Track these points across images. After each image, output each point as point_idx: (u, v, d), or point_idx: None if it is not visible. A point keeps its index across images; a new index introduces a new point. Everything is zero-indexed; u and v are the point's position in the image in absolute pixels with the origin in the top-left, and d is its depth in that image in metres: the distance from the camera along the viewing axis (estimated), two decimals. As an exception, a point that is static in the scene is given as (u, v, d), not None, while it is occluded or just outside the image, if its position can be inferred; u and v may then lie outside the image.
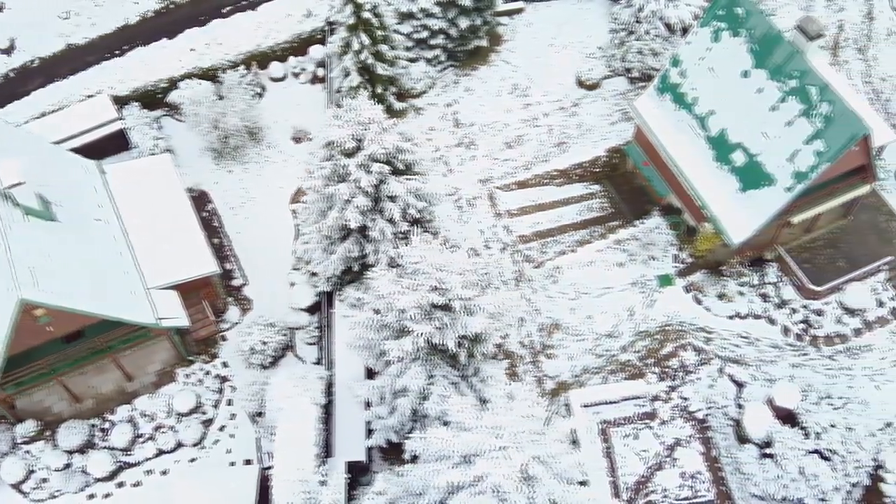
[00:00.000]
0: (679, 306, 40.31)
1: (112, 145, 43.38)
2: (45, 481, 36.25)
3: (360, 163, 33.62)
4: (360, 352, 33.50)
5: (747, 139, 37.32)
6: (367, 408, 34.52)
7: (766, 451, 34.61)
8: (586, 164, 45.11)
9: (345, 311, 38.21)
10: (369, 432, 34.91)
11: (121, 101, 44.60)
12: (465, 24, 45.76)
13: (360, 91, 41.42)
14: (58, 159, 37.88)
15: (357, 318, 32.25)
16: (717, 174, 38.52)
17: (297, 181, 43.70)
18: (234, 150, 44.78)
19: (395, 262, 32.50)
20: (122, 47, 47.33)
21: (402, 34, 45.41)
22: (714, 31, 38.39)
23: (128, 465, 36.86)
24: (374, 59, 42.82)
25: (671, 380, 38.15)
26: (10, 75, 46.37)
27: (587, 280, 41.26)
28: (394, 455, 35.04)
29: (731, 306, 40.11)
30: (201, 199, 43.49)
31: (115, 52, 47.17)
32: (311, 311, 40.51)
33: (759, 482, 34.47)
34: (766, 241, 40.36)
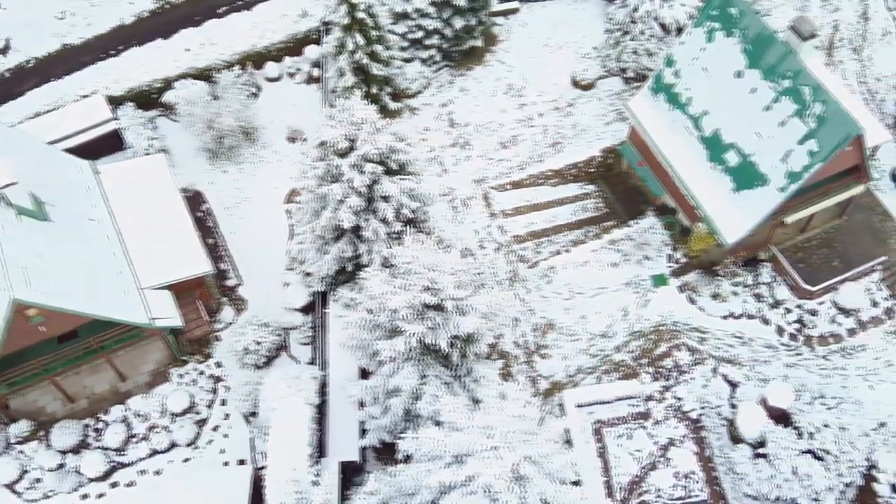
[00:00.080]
0: (673, 306, 40.34)
1: (107, 145, 43.32)
2: (38, 481, 36.23)
3: (353, 163, 33.57)
4: (353, 352, 33.53)
5: (741, 139, 37.33)
6: (361, 408, 34.49)
7: (760, 450, 34.58)
8: (581, 165, 45.10)
9: (339, 312, 38.18)
10: (363, 432, 34.89)
11: (116, 102, 44.51)
12: (459, 24, 45.72)
13: (355, 91, 41.42)
14: (52, 159, 37.89)
15: (350, 318, 32.26)
16: (710, 174, 38.53)
17: (291, 181, 43.60)
18: (228, 150, 44.76)
19: (389, 263, 32.47)
20: (117, 47, 47.20)
21: (396, 34, 45.37)
22: (708, 32, 38.40)
23: (121, 465, 36.87)
24: (368, 59, 42.79)
25: (665, 380, 38.18)
26: (6, 75, 46.24)
27: (581, 280, 41.28)
28: (387, 455, 34.97)
29: (725, 306, 40.14)
30: (196, 200, 43.47)
31: (111, 52, 47.05)
32: (306, 311, 40.52)
33: (752, 482, 34.47)
34: (761, 241, 40.37)
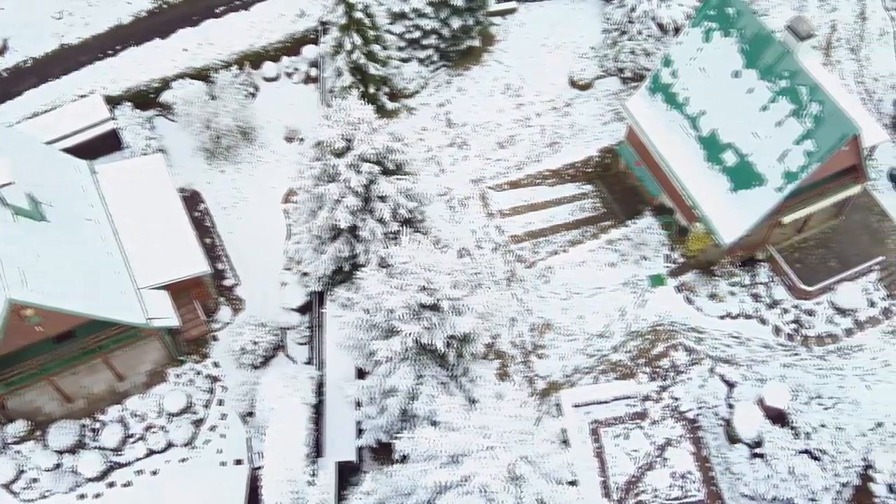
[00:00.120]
0: (670, 306, 40.33)
1: (104, 145, 43.36)
2: (35, 481, 36.25)
3: (349, 163, 33.55)
4: (350, 352, 33.51)
5: (738, 139, 37.30)
6: (358, 408, 34.50)
7: (757, 450, 34.56)
8: (578, 165, 45.11)
9: (336, 311, 38.18)
10: (359, 432, 34.90)
11: (113, 101, 44.52)
12: (457, 24, 45.70)
13: (352, 91, 41.46)
14: (49, 159, 37.87)
15: (346, 318, 32.25)
16: (708, 174, 38.50)
17: (289, 181, 43.62)
18: (226, 150, 44.77)
19: (386, 263, 32.47)
20: (115, 47, 47.21)
21: (394, 34, 45.37)
22: (705, 32, 38.37)
23: (118, 466, 36.88)
24: (366, 58, 42.81)
25: (662, 380, 38.18)
26: (3, 75, 46.25)
27: (579, 280, 41.27)
28: (384, 455, 35.02)
29: (722, 306, 40.13)
30: (193, 199, 43.47)
31: (108, 51, 47.07)
32: (303, 310, 40.54)
33: (749, 482, 34.44)
34: (758, 241, 40.35)
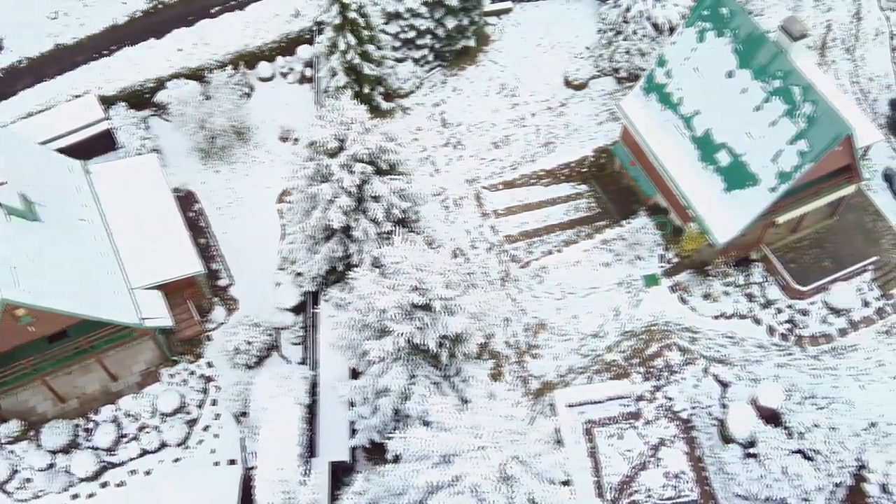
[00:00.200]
0: (665, 306, 40.32)
1: (99, 145, 43.31)
2: (28, 481, 36.24)
3: (342, 163, 33.55)
4: (343, 352, 33.56)
5: (732, 139, 37.31)
6: (351, 407, 34.50)
7: (750, 450, 34.56)
8: (573, 164, 45.07)
9: (329, 311, 38.18)
10: (353, 432, 34.91)
11: (108, 101, 44.48)
12: (452, 24, 45.67)
13: (346, 91, 41.47)
14: (42, 159, 37.84)
15: (339, 318, 32.27)
16: (702, 174, 38.51)
17: (283, 181, 43.60)
18: (221, 150, 44.74)
19: (379, 262, 32.47)
20: (110, 47, 47.14)
21: (389, 34, 45.33)
22: (699, 32, 38.38)
23: (112, 465, 36.84)
24: (360, 59, 42.77)
25: (656, 380, 38.17)
26: (-1, 75, 46.42)
27: (573, 280, 41.26)
28: (377, 455, 35.02)
29: (716, 306, 40.12)
30: (188, 200, 43.44)
31: (104, 52, 47.01)
32: (297, 310, 40.51)
33: (742, 482, 34.45)
34: (752, 241, 40.36)
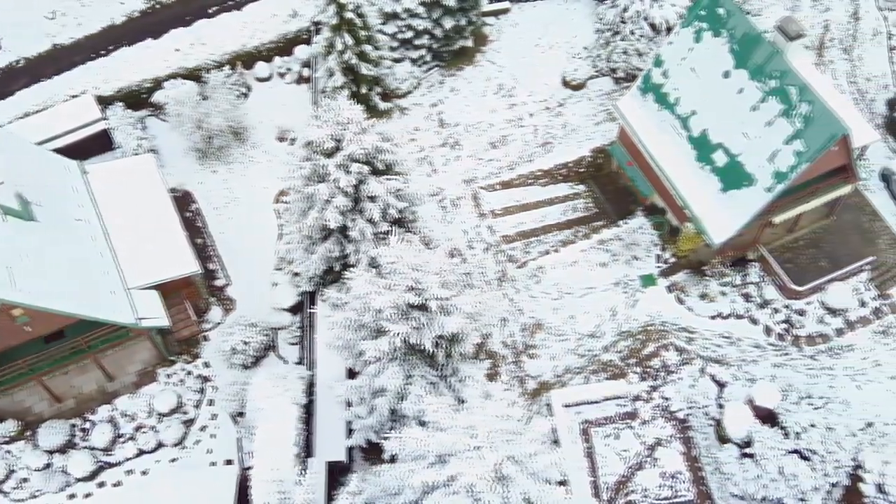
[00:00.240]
0: (661, 306, 40.34)
1: (96, 145, 43.30)
2: (25, 481, 36.22)
3: (339, 163, 33.53)
4: (339, 352, 33.52)
5: (728, 139, 37.32)
6: (348, 407, 34.49)
7: (746, 450, 34.59)
8: (571, 165, 45.08)
9: (326, 311, 38.16)
10: (350, 432, 34.90)
11: (105, 102, 44.46)
12: (449, 24, 45.68)
13: (344, 91, 41.43)
14: (39, 159, 37.80)
15: (335, 318, 32.25)
16: (698, 174, 38.52)
17: (281, 181, 43.52)
18: (218, 150, 44.74)
19: (376, 263, 32.46)
20: (107, 47, 47.15)
21: (386, 34, 45.32)
22: (696, 32, 38.39)
23: (108, 465, 36.84)
24: (357, 59, 42.77)
25: (653, 380, 38.18)
26: (-5, 75, 46.41)
27: (570, 280, 41.27)
28: (374, 455, 34.99)
29: (713, 306, 40.13)
30: (185, 200, 43.44)
31: (101, 52, 47.01)
32: (294, 311, 40.51)
33: (738, 482, 34.47)
34: (749, 241, 40.36)
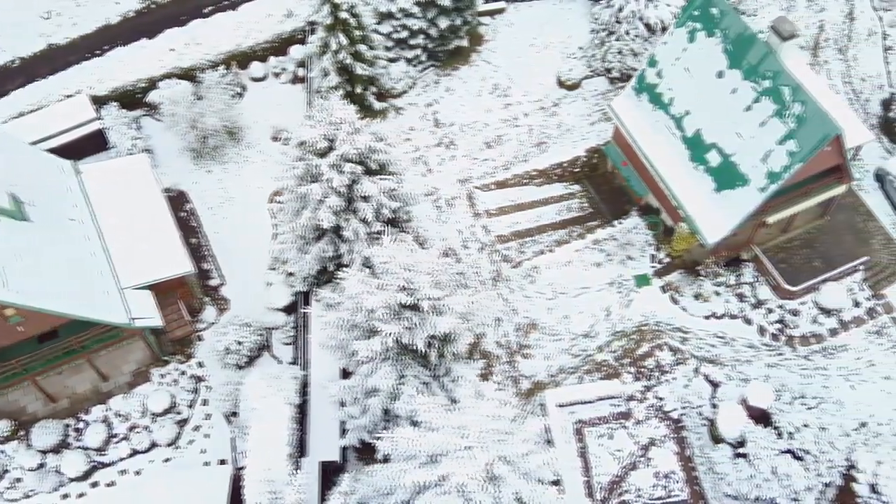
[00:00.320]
0: (656, 306, 40.34)
1: (90, 145, 43.32)
2: (19, 481, 36.23)
3: (332, 163, 33.54)
4: (332, 352, 33.54)
5: (722, 139, 37.31)
6: (342, 407, 34.48)
7: (740, 450, 34.58)
8: (566, 164, 45.09)
9: (320, 311, 38.15)
10: (344, 432, 34.90)
11: (100, 101, 44.51)
12: (444, 23, 45.67)
13: (338, 91, 41.45)
14: (32, 159, 37.78)
15: (328, 318, 32.26)
16: (692, 174, 38.52)
17: (275, 181, 43.41)
18: (213, 150, 44.75)
19: (369, 262, 32.47)
20: (102, 47, 47.20)
21: (381, 34, 45.31)
22: (690, 32, 38.38)
23: (102, 465, 36.85)
24: (352, 59, 42.75)
25: (647, 380, 38.18)
26: (-9, 75, 46.42)
27: (565, 280, 41.27)
28: (368, 455, 35.00)
29: (707, 306, 40.14)
30: (180, 199, 43.45)
31: (96, 51, 47.07)
32: (288, 310, 40.52)
33: (732, 482, 34.44)
34: (743, 241, 40.37)
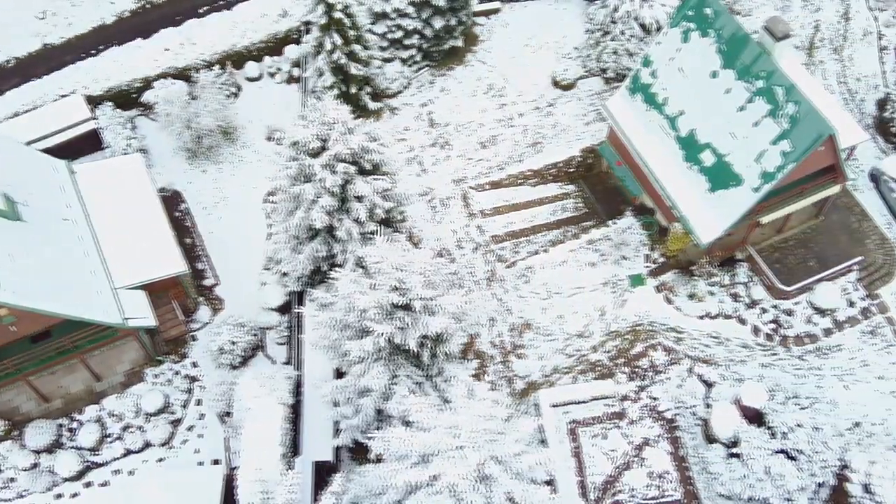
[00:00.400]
0: (650, 306, 40.33)
1: (85, 145, 43.30)
2: (12, 481, 36.24)
3: (324, 163, 33.54)
4: (325, 352, 33.53)
5: (716, 139, 37.30)
6: (335, 407, 34.46)
7: (733, 450, 34.56)
8: (561, 164, 45.06)
9: (314, 311, 38.11)
10: (337, 432, 34.89)
11: (95, 101, 44.46)
12: (439, 24, 45.64)
13: (333, 91, 41.45)
14: (26, 159, 37.76)
15: (320, 318, 32.26)
16: (687, 174, 38.52)
17: (270, 181, 43.52)
18: (208, 150, 44.74)
19: (362, 263, 32.47)
20: (97, 47, 47.14)
21: (376, 34, 45.32)
22: (684, 32, 38.37)
23: (95, 465, 36.86)
24: (347, 59, 42.74)
25: (641, 379, 38.18)
26: (-14, 75, 46.36)
27: (559, 280, 41.26)
28: (361, 455, 35.03)
29: (701, 306, 40.11)
30: (174, 199, 43.44)
31: (91, 51, 47.02)
32: (282, 310, 40.51)
33: (725, 482, 34.40)
34: (737, 241, 40.37)
